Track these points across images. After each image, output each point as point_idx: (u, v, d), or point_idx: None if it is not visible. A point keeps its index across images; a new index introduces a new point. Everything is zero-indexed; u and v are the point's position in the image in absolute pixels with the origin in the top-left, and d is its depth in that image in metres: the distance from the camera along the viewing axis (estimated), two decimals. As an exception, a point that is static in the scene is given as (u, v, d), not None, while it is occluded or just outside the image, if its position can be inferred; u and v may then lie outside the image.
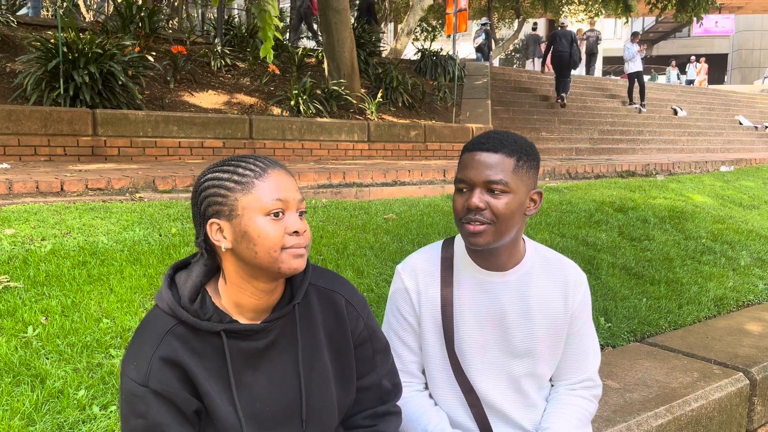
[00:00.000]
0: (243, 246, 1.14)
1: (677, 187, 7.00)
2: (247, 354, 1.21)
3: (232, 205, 1.14)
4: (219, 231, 1.16)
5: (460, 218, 1.45)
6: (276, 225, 1.14)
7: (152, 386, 1.13)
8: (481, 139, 1.46)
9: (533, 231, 4.45)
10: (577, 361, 1.61)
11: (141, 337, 1.17)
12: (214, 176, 1.17)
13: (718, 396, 2.55)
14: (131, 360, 1.15)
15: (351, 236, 3.81)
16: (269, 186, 1.15)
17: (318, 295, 1.32)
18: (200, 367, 1.17)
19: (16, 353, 2.16)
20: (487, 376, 1.56)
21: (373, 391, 1.37)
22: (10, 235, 3.11)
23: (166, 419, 1.14)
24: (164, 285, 1.20)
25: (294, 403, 1.25)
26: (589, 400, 1.62)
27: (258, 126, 7.35)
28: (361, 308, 1.36)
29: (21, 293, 2.53)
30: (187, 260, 1.27)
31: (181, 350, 1.15)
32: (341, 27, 8.95)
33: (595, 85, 15.78)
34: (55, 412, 1.94)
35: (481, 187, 1.41)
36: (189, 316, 1.16)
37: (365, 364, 1.36)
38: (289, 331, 1.26)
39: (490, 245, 1.44)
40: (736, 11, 33.33)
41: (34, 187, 4.12)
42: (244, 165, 1.17)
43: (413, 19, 14.99)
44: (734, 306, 3.81)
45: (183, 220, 3.71)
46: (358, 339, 1.35)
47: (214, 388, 1.17)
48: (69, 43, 6.53)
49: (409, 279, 1.57)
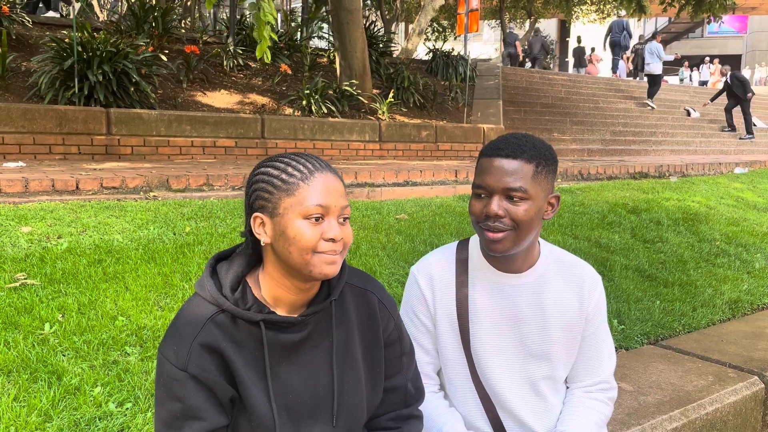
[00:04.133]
0: (280, 244, 1.17)
1: (691, 189, 6.95)
2: (283, 346, 1.23)
3: (276, 204, 1.17)
4: (261, 225, 1.19)
5: (478, 223, 1.45)
6: (314, 229, 1.16)
7: (191, 371, 1.15)
8: (499, 144, 1.45)
9: (546, 232, 4.44)
10: (592, 364, 1.60)
11: (181, 322, 1.19)
12: (266, 171, 1.20)
13: (733, 400, 2.53)
14: (171, 344, 1.17)
15: (363, 236, 3.81)
16: (313, 190, 1.16)
17: (353, 294, 1.34)
18: (238, 355, 1.19)
19: (33, 350, 2.18)
20: (503, 378, 1.55)
21: (398, 393, 1.38)
22: (26, 233, 3.14)
23: (203, 404, 1.16)
24: (206, 273, 1.23)
25: (325, 398, 1.26)
26: (605, 403, 1.61)
27: (270, 126, 7.37)
28: (392, 309, 1.38)
29: (38, 291, 2.56)
30: (228, 252, 1.29)
31: (221, 338, 1.17)
32: (353, 27, 8.96)
33: (606, 86, 15.70)
34: (72, 409, 1.96)
35: (500, 194, 1.41)
36: (230, 305, 1.18)
37: (393, 365, 1.37)
38: (324, 326, 1.28)
39: (509, 251, 1.44)
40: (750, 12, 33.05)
41: (50, 185, 4.16)
42: (294, 165, 1.19)
43: (424, 19, 14.98)
44: (749, 309, 3.78)
45: (197, 219, 3.73)
46: (389, 339, 1.36)
47: (251, 376, 1.19)
48: (83, 42, 6.58)
49: (425, 282, 1.57)
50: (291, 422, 1.23)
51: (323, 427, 1.26)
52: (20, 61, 7.06)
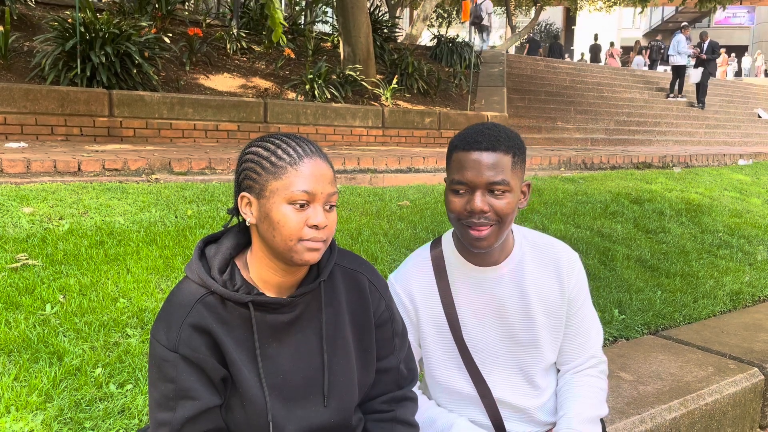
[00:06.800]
0: (264, 226, 1.17)
1: (694, 180, 6.93)
2: (273, 327, 1.24)
3: (263, 185, 1.17)
4: (248, 205, 1.19)
5: (460, 219, 1.41)
6: (298, 215, 1.15)
7: (182, 352, 1.16)
8: (474, 136, 1.40)
9: (548, 221, 4.43)
10: (579, 342, 1.59)
11: (171, 304, 1.20)
12: (257, 151, 1.19)
13: (733, 391, 2.53)
14: (162, 326, 1.18)
15: (365, 222, 3.81)
16: (301, 175, 1.15)
17: (342, 275, 1.34)
18: (228, 336, 1.19)
19: (34, 330, 2.19)
20: (494, 370, 1.56)
21: (391, 375, 1.38)
22: (28, 214, 3.14)
23: (195, 385, 1.17)
24: (195, 256, 1.24)
25: (316, 378, 1.27)
26: (598, 377, 1.61)
27: (273, 110, 7.34)
28: (383, 290, 1.38)
29: (39, 271, 2.56)
30: (217, 235, 1.30)
31: (210, 319, 1.18)
32: (357, 11, 8.89)
33: (611, 75, 15.61)
34: (73, 389, 1.97)
35: (483, 189, 1.38)
36: (219, 287, 1.19)
37: (385, 345, 1.37)
38: (314, 307, 1.28)
39: (492, 246, 1.43)
40: (758, 2, 32.73)
41: (51, 166, 4.15)
42: (284, 148, 1.18)
43: (429, 5, 14.87)
44: (750, 301, 3.78)
45: (199, 202, 3.73)
46: (380, 319, 1.36)
47: (241, 357, 1.20)
48: (86, 23, 6.54)
49: (404, 293, 1.56)
50: (282, 403, 1.24)
51: (315, 407, 1.27)
52: (23, 41, 7.02)
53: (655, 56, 21.10)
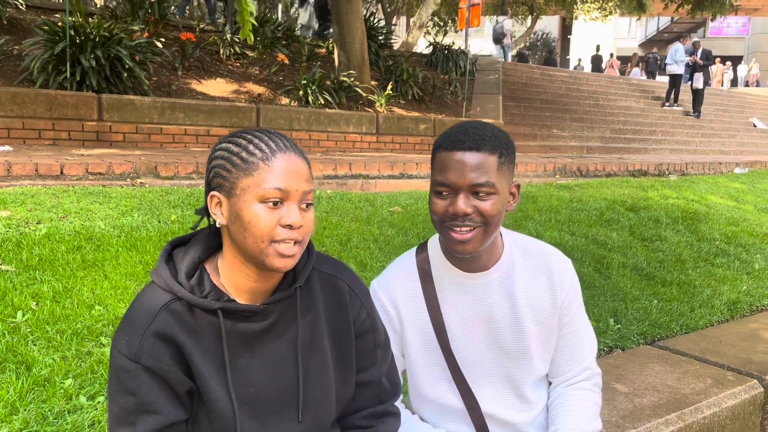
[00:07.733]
0: (235, 228, 1.09)
1: (690, 188, 6.87)
2: (244, 336, 1.15)
3: (233, 183, 1.09)
4: (218, 205, 1.12)
5: (443, 222, 1.34)
6: (270, 214, 1.07)
7: (144, 362, 1.08)
8: (459, 135, 1.32)
9: (543, 228, 4.35)
10: (573, 353, 1.51)
11: (134, 311, 1.12)
12: (227, 147, 1.12)
13: (732, 403, 2.45)
14: (123, 334, 1.10)
15: (355, 228, 3.72)
16: (274, 171, 1.08)
17: (321, 281, 1.25)
18: (195, 346, 1.11)
19: (2, 339, 2.09)
20: (481, 381, 1.47)
21: (372, 388, 1.30)
22: (5, 218, 3.04)
23: (158, 398, 1.09)
24: (161, 260, 1.15)
25: (290, 392, 1.18)
26: (592, 390, 1.52)
27: (265, 115, 7.26)
28: (364, 297, 1.30)
29: (12, 277, 2.46)
30: (187, 237, 1.22)
31: (175, 327, 1.10)
32: (352, 17, 8.84)
33: (607, 84, 15.60)
34: (40, 401, 1.87)
35: (466, 191, 1.30)
36: (185, 292, 1.11)
37: (366, 356, 1.28)
38: (289, 315, 1.20)
39: (477, 250, 1.34)
40: (752, 13, 32.93)
41: (33, 169, 4.05)
42: (256, 143, 1.10)
43: (425, 13, 14.86)
44: (748, 311, 3.70)
45: (183, 207, 3.63)
46: (360, 329, 1.28)
47: (208, 368, 1.12)
48: (76, 26, 6.46)
49: (388, 301, 1.48)
50: (253, 417, 1.15)
51: (289, 423, 1.18)
52: (12, 45, 6.93)
53: (652, 68, 21.29)
